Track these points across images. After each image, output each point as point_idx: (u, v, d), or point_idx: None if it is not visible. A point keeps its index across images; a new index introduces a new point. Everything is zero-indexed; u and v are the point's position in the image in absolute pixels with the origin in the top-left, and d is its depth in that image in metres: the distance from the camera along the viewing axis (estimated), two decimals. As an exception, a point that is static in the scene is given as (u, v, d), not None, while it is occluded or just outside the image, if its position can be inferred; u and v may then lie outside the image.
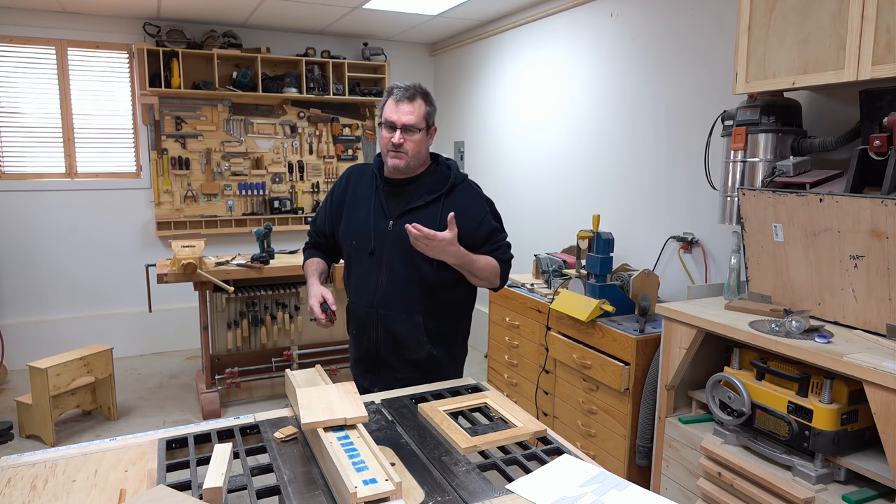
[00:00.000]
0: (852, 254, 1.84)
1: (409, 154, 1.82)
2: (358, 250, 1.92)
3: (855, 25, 1.88)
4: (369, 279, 1.89)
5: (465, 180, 1.94)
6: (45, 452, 1.41)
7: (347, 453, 1.25)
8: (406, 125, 1.79)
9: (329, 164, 5.36)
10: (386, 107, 1.83)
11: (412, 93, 1.81)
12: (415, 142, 1.81)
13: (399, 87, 1.83)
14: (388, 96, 1.84)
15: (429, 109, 1.85)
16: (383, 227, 1.87)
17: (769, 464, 1.90)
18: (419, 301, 1.86)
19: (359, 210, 1.93)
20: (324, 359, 4.10)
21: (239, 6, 4.27)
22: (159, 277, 3.58)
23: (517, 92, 4.48)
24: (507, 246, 1.94)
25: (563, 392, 3.06)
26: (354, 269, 1.95)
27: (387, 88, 1.88)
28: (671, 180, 3.15)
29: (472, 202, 1.90)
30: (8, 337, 4.45)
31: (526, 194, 4.43)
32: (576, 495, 1.22)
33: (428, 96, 1.86)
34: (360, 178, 1.99)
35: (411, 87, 1.83)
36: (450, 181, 1.89)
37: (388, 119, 1.81)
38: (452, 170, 1.93)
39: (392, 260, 1.86)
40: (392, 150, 1.81)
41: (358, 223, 1.92)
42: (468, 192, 1.92)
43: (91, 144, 4.69)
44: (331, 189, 2.07)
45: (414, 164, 1.85)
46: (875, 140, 1.84)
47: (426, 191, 1.88)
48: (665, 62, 3.15)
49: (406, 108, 1.80)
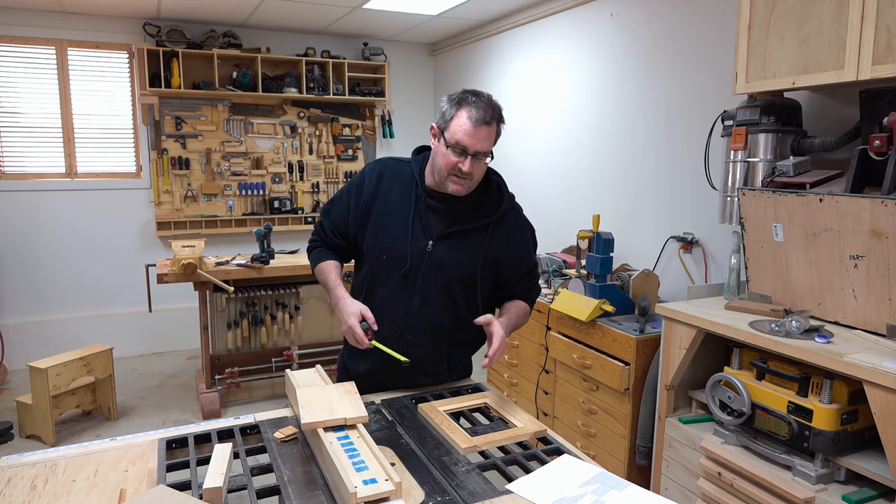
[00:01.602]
0: (852, 254, 1.84)
1: (473, 180, 1.64)
2: (388, 267, 1.71)
3: (855, 25, 1.88)
4: (399, 301, 1.71)
5: (513, 205, 1.79)
6: (45, 452, 1.41)
7: (347, 453, 1.25)
8: (479, 152, 1.59)
9: (329, 164, 5.36)
10: (456, 124, 1.57)
11: (490, 116, 1.58)
12: (482, 168, 1.64)
13: (477, 104, 1.57)
14: (458, 108, 1.58)
15: (500, 130, 1.64)
16: (422, 247, 1.68)
17: (769, 464, 1.90)
18: (448, 330, 1.73)
19: (394, 221, 1.71)
20: (324, 359, 4.10)
21: (239, 6, 4.27)
22: (159, 277, 3.58)
23: (517, 92, 4.48)
24: (537, 282, 1.87)
25: (563, 392, 3.06)
26: (381, 286, 1.73)
27: (458, 97, 1.60)
28: (671, 180, 3.15)
29: (520, 232, 1.78)
30: (8, 337, 4.45)
31: (526, 194, 4.41)
32: (576, 495, 1.22)
33: (502, 118, 1.64)
34: (395, 180, 1.74)
35: (489, 105, 1.58)
36: (502, 208, 1.73)
37: (460, 142, 1.56)
38: (504, 193, 1.76)
39: (427, 284, 1.69)
40: (458, 174, 1.61)
41: (392, 237, 1.70)
42: (517, 220, 1.79)
43: (91, 144, 4.69)
44: (354, 183, 1.79)
45: (474, 186, 1.68)
46: (875, 140, 1.84)
47: (475, 213, 1.70)
48: (665, 62, 3.15)
49: (483, 134, 1.57)
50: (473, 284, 1.73)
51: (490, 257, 1.71)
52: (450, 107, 1.60)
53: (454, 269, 1.69)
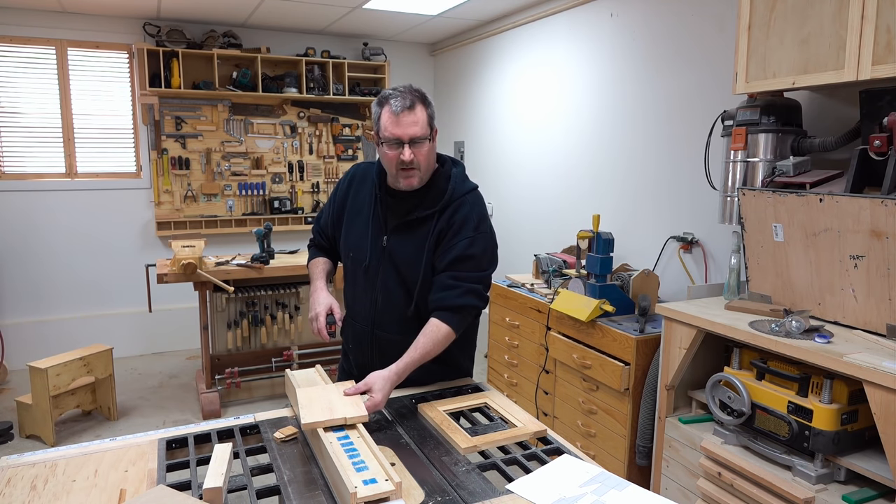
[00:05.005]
0: (852, 254, 1.84)
1: (421, 169, 1.65)
2: (355, 263, 1.79)
3: (855, 25, 1.88)
4: (365, 296, 1.77)
5: (464, 195, 1.73)
6: (45, 452, 1.41)
7: (347, 453, 1.25)
8: (414, 138, 1.60)
9: (329, 164, 5.36)
10: (383, 121, 1.62)
11: (411, 100, 1.60)
12: (424, 153, 1.63)
13: (393, 95, 1.62)
14: (381, 107, 1.63)
15: (430, 112, 1.65)
16: (380, 243, 1.74)
17: (769, 464, 1.90)
18: (414, 322, 1.70)
19: (357, 219, 1.80)
20: (324, 359, 4.10)
21: (239, 6, 4.27)
22: (159, 277, 3.58)
23: (517, 92, 4.48)
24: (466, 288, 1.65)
25: (563, 392, 3.06)
26: (350, 283, 1.85)
27: (377, 99, 1.66)
28: (671, 180, 3.15)
29: (461, 223, 1.69)
30: (8, 337, 4.45)
31: (526, 194, 4.43)
32: (576, 495, 1.22)
33: (426, 98, 1.65)
34: (363, 181, 1.83)
35: (406, 91, 1.62)
36: (445, 198, 1.70)
37: (391, 135, 1.60)
38: (452, 182, 1.73)
39: (386, 278, 1.73)
40: (403, 167, 1.63)
41: (356, 235, 1.79)
42: (463, 209, 1.70)
43: (91, 144, 4.69)
44: (334, 189, 1.92)
45: (426, 176, 1.69)
46: (875, 140, 1.84)
47: (421, 205, 1.71)
48: (665, 62, 3.15)
49: (409, 119, 1.59)
50: (427, 276, 1.71)
51: (431, 247, 1.70)
52: (376, 110, 1.66)
53: (405, 261, 1.72)
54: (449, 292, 1.66)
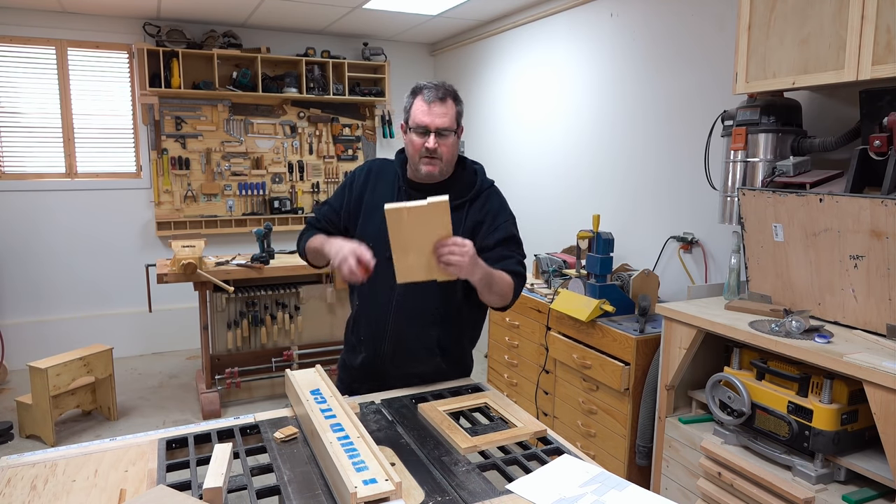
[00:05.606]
0: (852, 254, 1.84)
1: (443, 159, 1.71)
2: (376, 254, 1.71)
3: (855, 25, 1.88)
4: (385, 284, 1.74)
5: (491, 186, 1.84)
6: (45, 452, 1.41)
7: (347, 453, 1.25)
8: (440, 129, 1.67)
9: (329, 164, 5.36)
10: (415, 109, 1.69)
11: (443, 93, 1.68)
12: (448, 146, 1.70)
13: (428, 86, 1.70)
14: (414, 97, 1.72)
15: (459, 109, 1.73)
16: None
17: (769, 464, 1.90)
18: (435, 311, 1.77)
19: (377, 212, 1.74)
20: (324, 359, 4.10)
21: (239, 6, 4.27)
22: (159, 277, 3.58)
23: (517, 92, 4.48)
24: (520, 258, 1.80)
25: (563, 392, 3.06)
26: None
27: (412, 88, 1.74)
28: (671, 180, 3.15)
29: (495, 209, 1.80)
30: (8, 337, 4.45)
31: (526, 194, 4.43)
32: (576, 495, 1.22)
33: (457, 96, 1.74)
34: (381, 175, 1.86)
35: (440, 86, 1.70)
36: (476, 187, 1.79)
37: (419, 123, 1.67)
38: (479, 175, 1.83)
39: None
40: (426, 155, 1.69)
41: (377, 225, 1.74)
42: (493, 199, 1.82)
43: (91, 144, 4.69)
44: (347, 180, 1.91)
45: (447, 169, 1.75)
46: (875, 140, 1.84)
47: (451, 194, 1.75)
48: (665, 62, 3.15)
49: (439, 110, 1.67)
50: None
51: (467, 234, 1.71)
52: (408, 99, 1.74)
53: None
54: (507, 261, 1.74)
